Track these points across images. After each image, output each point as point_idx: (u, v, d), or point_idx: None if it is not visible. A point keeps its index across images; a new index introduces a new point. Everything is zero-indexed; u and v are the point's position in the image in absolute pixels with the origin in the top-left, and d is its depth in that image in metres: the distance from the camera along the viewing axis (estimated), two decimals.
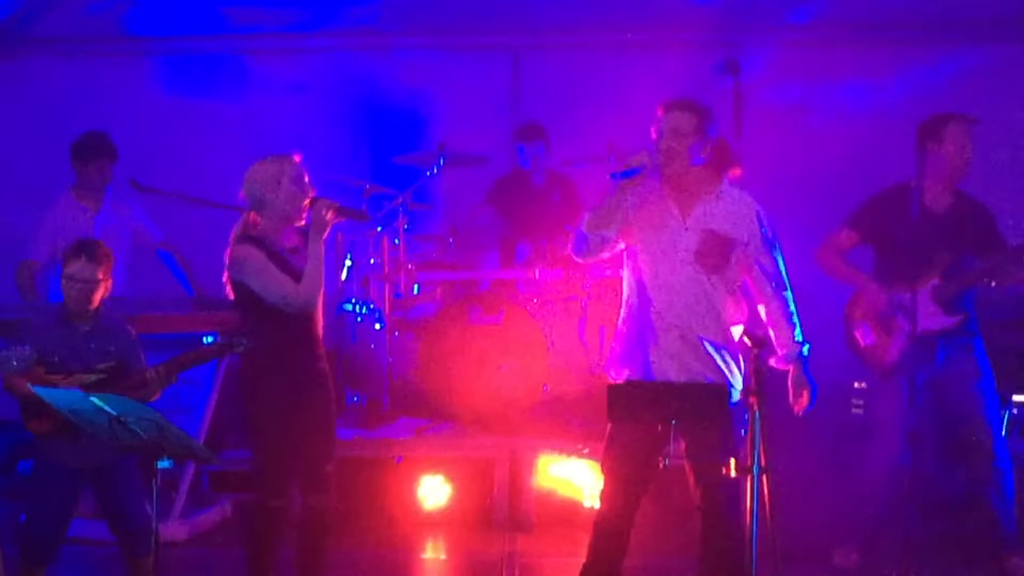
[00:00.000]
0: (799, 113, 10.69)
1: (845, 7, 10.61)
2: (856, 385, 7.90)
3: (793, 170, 10.01)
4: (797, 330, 6.28)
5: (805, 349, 6.25)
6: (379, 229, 9.67)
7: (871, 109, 10.44)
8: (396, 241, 9.69)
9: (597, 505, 6.59)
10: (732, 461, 5.57)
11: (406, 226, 9.76)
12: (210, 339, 8.36)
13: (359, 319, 9.94)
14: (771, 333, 6.28)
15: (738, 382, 6.25)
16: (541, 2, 10.69)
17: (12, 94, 11.26)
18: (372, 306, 9.88)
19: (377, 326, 9.79)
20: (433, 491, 8.84)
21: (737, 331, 6.32)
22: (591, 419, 8.45)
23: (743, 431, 5.62)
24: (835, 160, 10.05)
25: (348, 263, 9.61)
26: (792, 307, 6.32)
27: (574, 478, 8.68)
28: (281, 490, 6.69)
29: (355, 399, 9.76)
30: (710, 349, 6.22)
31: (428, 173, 9.89)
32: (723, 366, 6.25)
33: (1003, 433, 8.52)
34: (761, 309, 6.36)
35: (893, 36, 10.90)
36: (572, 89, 11.01)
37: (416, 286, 9.96)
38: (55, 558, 6.66)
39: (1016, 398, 8.56)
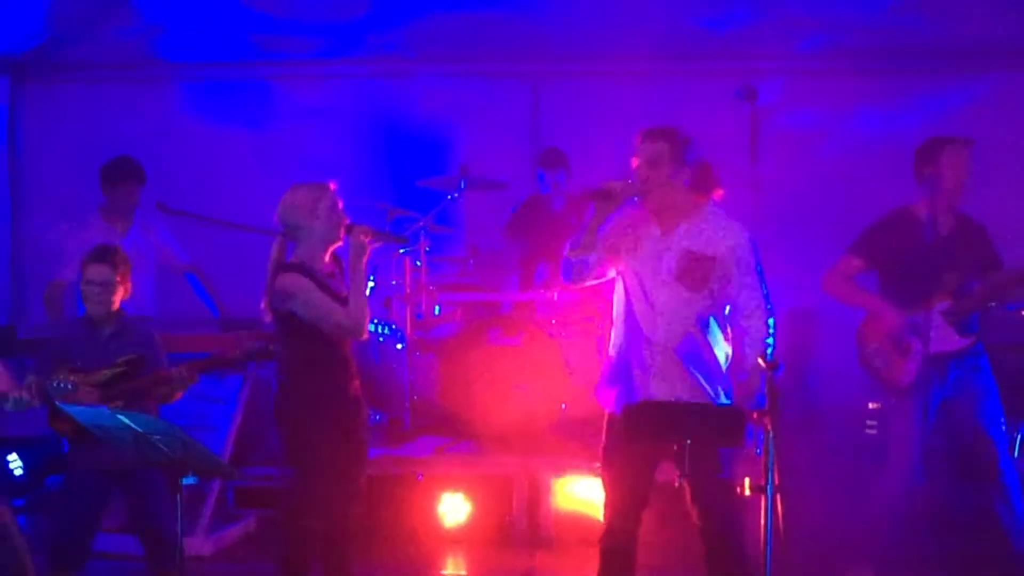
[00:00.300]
0: (814, 139, 10.68)
1: (857, 36, 10.60)
2: (870, 406, 7.87)
3: (808, 194, 10.02)
4: (770, 351, 6.23)
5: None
6: (401, 251, 9.67)
7: (884, 135, 10.41)
8: (418, 263, 9.72)
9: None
10: (746, 480, 5.55)
11: (428, 248, 9.79)
12: None
13: (381, 339, 9.94)
14: (745, 351, 6.27)
15: (723, 401, 6.21)
16: (560, 31, 10.68)
17: (46, 118, 11.32)
18: (394, 326, 9.89)
19: (399, 346, 9.79)
20: (453, 508, 8.81)
21: (722, 351, 6.29)
22: (602, 437, 8.41)
23: (758, 451, 5.59)
24: (849, 185, 10.04)
25: (370, 284, 9.58)
26: (771, 330, 6.28)
27: (592, 496, 8.62)
28: (322, 510, 6.68)
29: (377, 417, 9.76)
30: (694, 369, 6.19)
31: (449, 197, 9.93)
32: (707, 386, 6.21)
33: (1012, 453, 8.51)
34: (740, 329, 6.33)
35: (904, 64, 10.91)
36: (590, 115, 11.01)
37: (437, 307, 9.99)
38: (83, 566, 6.65)
39: None
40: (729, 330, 6.36)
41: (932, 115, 10.22)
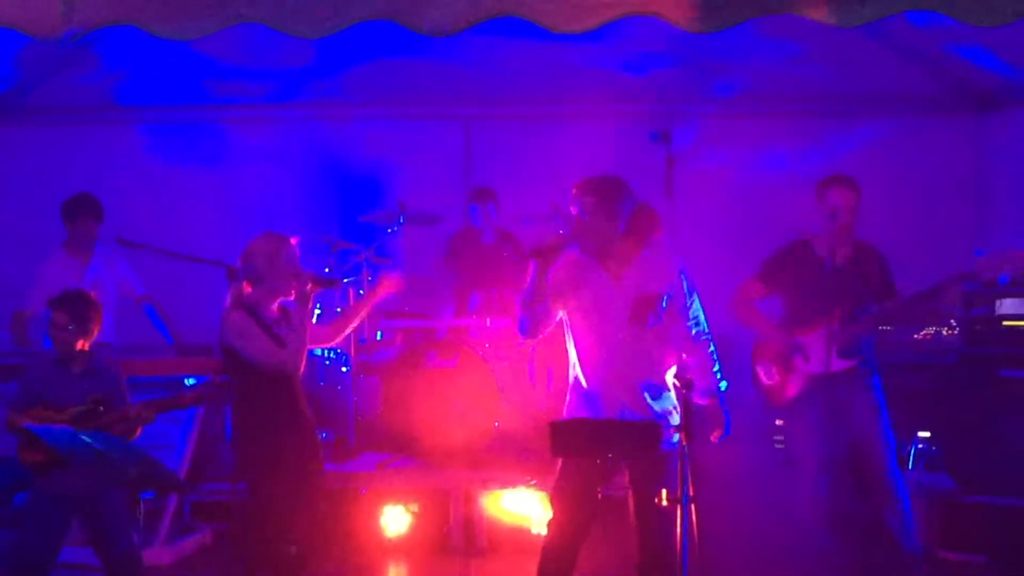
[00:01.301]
0: (724, 177, 10.75)
1: (765, 82, 10.70)
2: (778, 423, 7.92)
3: (719, 227, 10.07)
4: (717, 369, 6.33)
5: (723, 386, 6.30)
6: (345, 281, 9.67)
7: (790, 173, 10.51)
8: (361, 292, 9.70)
9: (544, 533, 6.54)
10: (664, 491, 5.56)
11: (369, 278, 9.78)
12: (192, 381, 8.35)
13: (327, 363, 9.95)
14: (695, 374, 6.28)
15: (675, 421, 6.21)
16: (490, 76, 10.73)
17: (11, 158, 11.26)
18: (339, 351, 9.86)
19: (344, 369, 9.79)
20: (395, 520, 8.79)
21: (671, 376, 6.31)
22: (538, 453, 8.43)
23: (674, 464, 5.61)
24: (756, 219, 10.10)
25: (317, 311, 9.57)
26: (713, 349, 6.37)
27: (523, 507, 8.67)
28: (277, 528, 6.66)
29: (324, 436, 9.74)
30: (648, 397, 6.23)
31: (389, 230, 9.94)
32: (660, 409, 6.24)
33: (907, 465, 8.56)
34: (685, 354, 6.36)
35: (808, 108, 11.04)
36: (518, 155, 11.07)
37: (379, 333, 10.04)
38: None
39: (920, 434, 8.59)
40: (674, 355, 6.38)
41: (835, 154, 10.33)
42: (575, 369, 6.45)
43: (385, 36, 7.64)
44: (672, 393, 6.26)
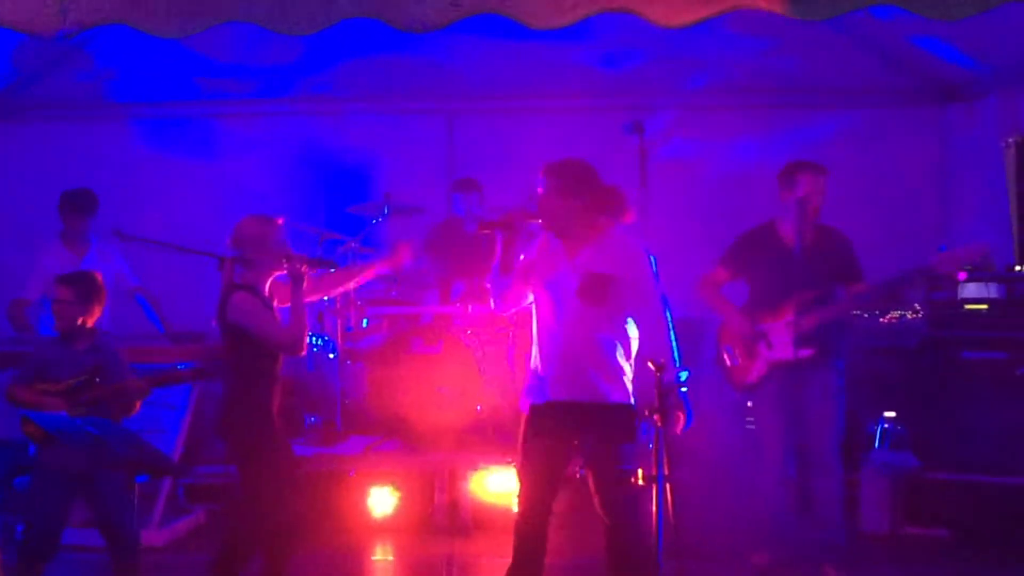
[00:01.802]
0: (696, 167, 10.77)
1: (735, 75, 10.71)
2: (749, 404, 7.94)
3: (691, 215, 10.10)
4: (676, 359, 6.19)
5: (683, 375, 6.20)
6: (332, 270, 9.65)
7: (760, 164, 10.46)
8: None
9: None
10: (640, 471, 5.58)
11: None
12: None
13: (315, 349, 9.94)
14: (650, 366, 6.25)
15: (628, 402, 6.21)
16: (472, 71, 10.75)
17: (10, 153, 11.25)
18: (327, 338, 9.88)
19: (331, 355, 9.79)
20: (382, 500, 8.84)
21: (622, 358, 6.27)
22: (518, 435, 8.45)
23: (649, 445, 5.61)
24: (727, 207, 10.08)
25: None
26: (672, 339, 6.20)
27: (505, 487, 8.68)
28: (272, 509, 6.65)
29: (312, 420, 9.75)
30: (594, 377, 6.19)
31: (375, 221, 9.95)
32: (605, 391, 6.19)
33: (873, 444, 8.60)
34: (646, 342, 6.30)
35: (777, 101, 11.05)
36: (499, 147, 11.07)
37: (365, 320, 10.01)
38: (53, 556, 6.60)
39: (887, 414, 8.63)
40: (630, 339, 6.35)
41: (803, 145, 10.30)
42: (534, 348, 6.45)
43: (371, 33, 7.63)
44: (627, 377, 6.27)
